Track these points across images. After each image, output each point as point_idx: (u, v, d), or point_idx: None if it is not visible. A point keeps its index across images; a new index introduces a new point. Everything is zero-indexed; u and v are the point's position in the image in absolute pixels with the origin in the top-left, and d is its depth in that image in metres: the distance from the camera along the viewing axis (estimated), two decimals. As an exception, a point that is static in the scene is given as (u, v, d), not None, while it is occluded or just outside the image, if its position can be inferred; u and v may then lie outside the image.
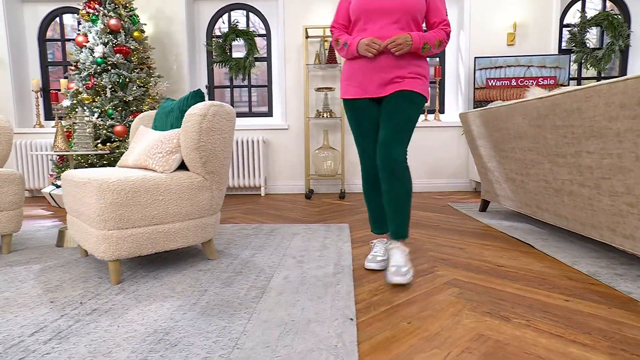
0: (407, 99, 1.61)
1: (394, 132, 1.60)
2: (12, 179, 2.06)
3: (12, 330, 1.22)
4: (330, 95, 4.33)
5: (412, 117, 1.63)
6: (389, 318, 1.29)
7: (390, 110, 1.63)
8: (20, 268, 1.83)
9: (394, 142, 1.59)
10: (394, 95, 1.63)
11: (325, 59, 4.08)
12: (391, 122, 1.61)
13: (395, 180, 1.59)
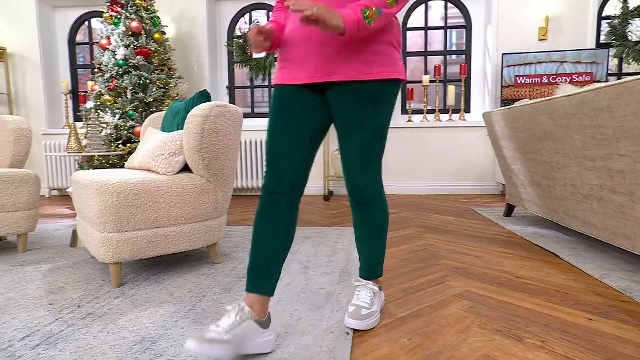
0: (369, 97, 1.10)
1: (356, 154, 1.15)
2: (27, 180, 2.11)
3: (4, 334, 1.22)
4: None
5: (380, 123, 1.14)
6: (389, 333, 1.20)
7: (345, 118, 1.13)
8: (30, 268, 1.86)
9: (356, 167, 1.17)
10: (347, 91, 1.10)
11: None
12: (349, 140, 1.14)
13: (361, 212, 1.25)
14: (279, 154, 1.14)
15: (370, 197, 1.21)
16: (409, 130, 4.23)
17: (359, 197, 1.22)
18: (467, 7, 4.27)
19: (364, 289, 1.30)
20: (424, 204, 3.58)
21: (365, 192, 1.20)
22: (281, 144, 1.14)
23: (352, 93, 1.11)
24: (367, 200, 1.22)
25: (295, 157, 1.15)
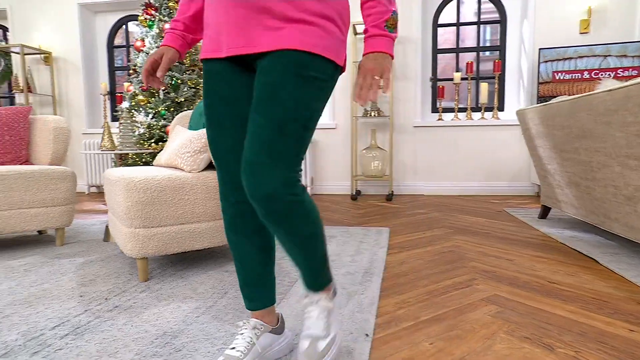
0: (295, 64, 0.84)
1: (265, 140, 0.83)
2: (65, 176, 2.20)
3: (38, 323, 1.27)
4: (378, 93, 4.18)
5: (304, 102, 0.85)
6: (410, 336, 1.16)
7: (262, 87, 0.86)
8: (65, 260, 1.94)
9: (264, 159, 0.83)
10: (270, 60, 0.86)
11: (374, 56, 3.94)
12: (260, 114, 0.85)
13: (276, 224, 0.87)
14: (223, 156, 0.96)
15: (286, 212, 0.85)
16: (440, 129, 4.12)
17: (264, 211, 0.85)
18: (502, 2, 4.12)
19: (316, 307, 1.01)
20: (453, 205, 3.47)
21: (273, 203, 0.83)
22: (222, 143, 0.95)
23: (277, 63, 0.85)
24: (281, 217, 0.85)
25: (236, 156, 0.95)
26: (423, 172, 4.19)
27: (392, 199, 3.87)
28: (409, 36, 4.08)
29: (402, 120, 4.17)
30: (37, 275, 1.73)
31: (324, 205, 3.59)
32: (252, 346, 0.98)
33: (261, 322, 1.02)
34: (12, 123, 2.36)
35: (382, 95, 4.19)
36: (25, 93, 4.53)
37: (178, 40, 1.04)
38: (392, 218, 2.93)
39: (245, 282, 1.02)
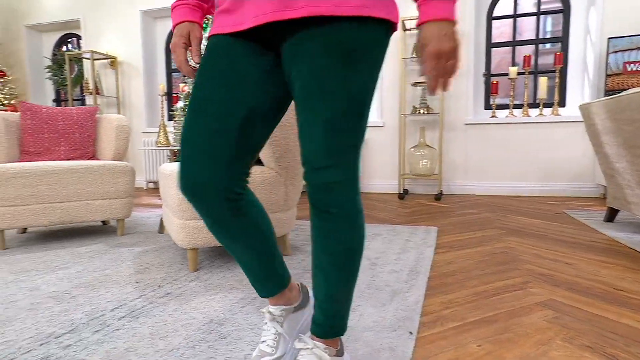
0: (340, 46, 0.72)
1: (320, 135, 0.74)
2: (125, 171, 2.35)
3: (99, 304, 1.36)
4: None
5: (359, 90, 0.74)
6: (457, 337, 1.11)
7: (305, 81, 0.74)
8: (125, 249, 2.07)
9: (319, 154, 0.75)
10: (309, 40, 0.73)
11: (424, 52, 3.84)
12: (311, 113, 0.75)
13: (321, 226, 0.80)
14: (202, 143, 0.78)
15: (337, 204, 0.77)
16: (493, 126, 3.94)
17: (319, 202, 0.78)
18: (565, -10, 3.85)
19: (308, 356, 0.84)
20: (507, 205, 3.30)
21: (330, 195, 0.76)
22: (204, 127, 0.78)
23: (316, 43, 0.72)
24: (330, 208, 0.77)
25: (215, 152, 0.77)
26: (474, 171, 4.02)
27: (441, 199, 3.75)
28: (460, 30, 3.93)
29: (453, 118, 4.03)
30: (100, 262, 1.85)
31: (371, 203, 3.55)
32: (280, 336, 0.94)
33: (280, 307, 0.95)
34: (82, 122, 2.55)
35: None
36: (94, 95, 4.89)
37: (197, 13, 0.88)
38: (441, 217, 2.83)
39: (249, 276, 0.93)
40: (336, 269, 0.81)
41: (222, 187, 0.79)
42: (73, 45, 5.69)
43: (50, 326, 1.20)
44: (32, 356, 1.03)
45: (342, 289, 0.83)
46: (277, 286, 0.94)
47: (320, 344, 0.85)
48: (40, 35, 5.76)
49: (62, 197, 2.16)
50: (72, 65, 5.39)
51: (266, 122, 0.83)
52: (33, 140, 2.41)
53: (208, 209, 0.81)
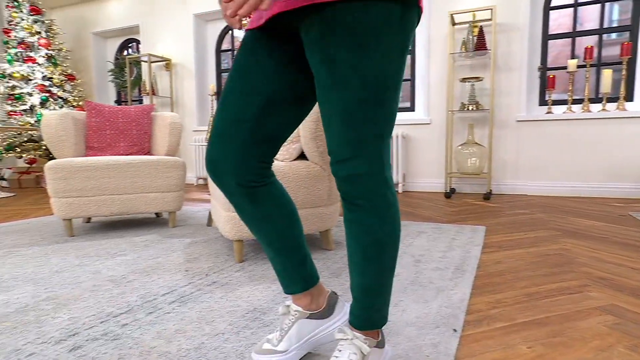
0: (349, 28, 0.69)
1: (338, 127, 0.73)
2: (177, 166, 2.46)
3: (152, 289, 1.44)
4: (477, 85, 3.91)
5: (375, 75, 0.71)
6: (505, 337, 1.06)
7: (319, 69, 0.73)
8: (176, 240, 2.17)
9: (340, 146, 0.74)
10: (320, 25, 0.71)
11: (474, 46, 3.70)
12: (328, 104, 0.74)
13: (351, 218, 0.79)
14: (224, 128, 0.81)
15: (363, 196, 0.76)
16: (548, 123, 3.72)
17: (346, 194, 0.77)
18: (632, -25, 3.56)
19: (348, 346, 0.84)
20: (563, 206, 3.10)
21: (355, 186, 0.75)
22: (225, 113, 0.81)
23: (324, 27, 0.70)
24: (356, 200, 0.76)
25: (231, 138, 0.80)
26: (527, 170, 3.82)
27: (490, 198, 3.60)
28: (514, 23, 3.75)
29: (504, 115, 3.85)
30: (153, 250, 1.96)
31: (415, 202, 3.48)
32: (286, 333, 0.94)
33: (297, 307, 0.95)
34: (139, 119, 2.71)
35: (485, 88, 3.91)
36: (150, 95, 5.17)
37: None
38: (490, 217, 2.72)
39: (274, 268, 0.95)
40: (367, 261, 0.80)
41: (235, 173, 0.82)
42: (133, 50, 6.05)
43: (109, 306, 1.29)
44: (94, 332, 1.11)
45: (376, 281, 0.82)
46: (297, 286, 0.94)
47: (360, 334, 0.85)
48: (105, 41, 6.17)
49: (120, 190, 2.30)
50: (131, 68, 5.73)
51: (285, 112, 0.84)
52: (96, 136, 2.59)
53: (226, 192, 0.86)
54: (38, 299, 1.36)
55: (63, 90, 5.34)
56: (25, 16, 5.17)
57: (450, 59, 3.73)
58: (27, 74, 5.09)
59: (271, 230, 0.89)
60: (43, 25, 5.28)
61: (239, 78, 0.81)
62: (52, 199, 2.21)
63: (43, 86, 5.12)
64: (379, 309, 0.85)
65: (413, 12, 0.73)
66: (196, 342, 1.05)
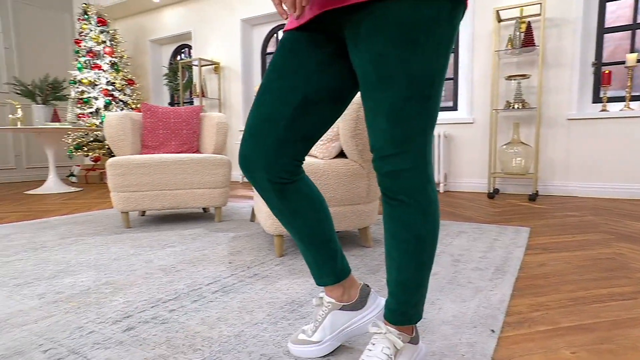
0: (397, 26, 0.68)
1: (383, 124, 0.73)
2: (223, 163, 2.54)
3: (198, 279, 1.50)
4: (524, 83, 3.72)
5: (421, 73, 0.70)
6: (547, 341, 1.01)
7: (364, 67, 0.73)
8: (221, 234, 2.25)
9: (385, 142, 0.74)
10: (366, 22, 0.71)
11: (520, 43, 3.53)
12: (373, 101, 0.73)
13: (391, 213, 0.79)
14: (258, 124, 0.83)
15: (405, 191, 0.75)
16: (603, 121, 3.47)
17: (388, 190, 0.77)
18: (701, -39, 3.24)
19: (382, 340, 0.83)
20: (618, 209, 2.89)
21: (398, 182, 0.75)
22: (260, 109, 0.82)
23: (373, 24, 0.70)
24: (398, 195, 0.76)
25: (265, 135, 0.82)
26: (578, 171, 3.59)
27: (536, 199, 3.41)
28: (565, 17, 3.53)
29: (553, 113, 3.64)
30: (200, 243, 2.04)
31: (457, 202, 3.38)
32: (320, 324, 0.95)
33: (330, 298, 0.96)
34: (189, 119, 2.83)
35: (531, 86, 3.72)
36: (200, 97, 5.38)
37: None
38: (535, 219, 2.58)
39: (305, 259, 0.96)
40: (406, 256, 0.80)
41: (267, 169, 0.83)
42: (185, 55, 6.31)
43: (159, 293, 1.36)
44: (145, 315, 1.18)
45: (413, 277, 0.81)
46: (329, 278, 0.94)
47: (394, 329, 0.84)
48: (161, 47, 6.49)
49: (171, 185, 2.42)
50: (183, 72, 5.99)
51: (321, 112, 0.84)
52: (151, 135, 2.74)
53: (258, 187, 0.87)
54: (98, 282, 1.46)
55: (124, 94, 5.68)
56: (93, 27, 5.55)
57: (495, 57, 3.58)
58: (93, 79, 5.47)
59: (301, 224, 0.90)
60: (108, 35, 5.64)
61: (276, 78, 0.82)
62: (112, 193, 2.36)
63: (107, 90, 5.47)
64: (414, 305, 0.84)
65: (460, 9, 0.73)
66: (236, 329, 1.08)
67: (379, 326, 0.85)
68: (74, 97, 5.48)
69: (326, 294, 0.98)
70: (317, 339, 0.94)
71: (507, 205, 3.17)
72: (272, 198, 0.87)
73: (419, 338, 0.91)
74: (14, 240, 2.15)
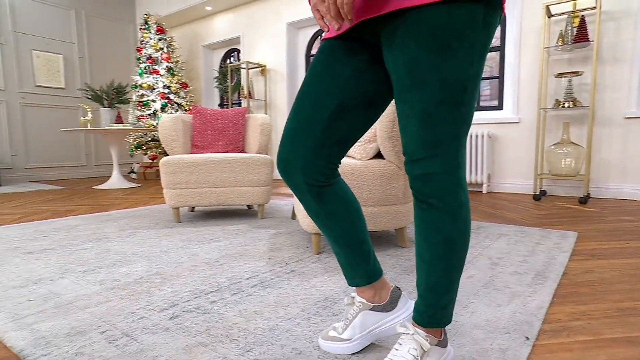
0: (430, 32, 0.69)
1: (415, 127, 0.73)
2: (265, 162, 2.61)
3: (238, 273, 1.56)
4: (575, 81, 3.48)
5: (454, 78, 0.70)
6: (586, 352, 0.95)
7: (398, 71, 0.73)
8: (262, 230, 2.31)
9: (416, 145, 0.74)
10: (401, 29, 0.72)
11: (572, 38, 3.30)
12: (406, 104, 0.74)
13: (421, 216, 0.79)
14: (295, 127, 0.84)
15: (436, 195, 0.75)
16: (665, 119, 3.17)
17: (419, 193, 0.77)
18: None
19: (409, 341, 0.83)
20: (681, 214, 2.63)
21: (429, 186, 0.75)
22: (299, 113, 0.84)
23: (407, 30, 0.70)
24: (428, 198, 0.76)
25: (302, 138, 0.83)
26: (636, 173, 3.31)
27: (588, 202, 3.19)
28: (625, 9, 3.25)
29: (608, 111, 3.37)
30: (242, 239, 2.11)
31: (500, 203, 3.23)
32: (350, 322, 0.96)
33: (361, 299, 0.96)
34: (235, 120, 2.93)
35: (584, 84, 3.47)
36: (247, 99, 5.54)
37: None
38: (584, 223, 2.42)
39: (338, 260, 0.96)
40: (436, 259, 0.79)
41: (304, 172, 0.84)
42: (234, 58, 6.52)
43: (202, 285, 1.43)
44: (189, 304, 1.24)
45: (442, 280, 0.80)
46: (361, 279, 0.95)
47: (422, 331, 0.83)
48: (212, 52, 6.75)
49: (217, 183, 2.52)
50: (232, 75, 6.19)
51: (356, 117, 0.85)
52: (200, 136, 2.87)
53: (295, 190, 0.88)
54: (150, 273, 1.56)
55: (178, 97, 5.97)
56: (153, 35, 5.88)
57: (544, 54, 3.38)
58: (152, 83, 5.80)
59: (336, 227, 0.91)
60: (165, 42, 5.96)
61: (314, 83, 0.83)
62: (164, 190, 2.50)
63: (163, 94, 5.78)
64: (443, 308, 0.82)
65: (496, 14, 0.72)
66: (271, 323, 1.12)
67: (406, 327, 0.84)
68: (135, 100, 5.85)
69: (358, 294, 0.98)
70: (347, 337, 0.95)
71: (554, 207, 2.99)
72: (309, 200, 0.89)
73: (448, 341, 0.89)
74: (82, 230, 2.34)
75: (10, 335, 1.06)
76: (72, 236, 2.20)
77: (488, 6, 0.70)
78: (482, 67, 0.74)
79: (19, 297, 1.33)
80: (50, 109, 6.03)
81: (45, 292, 1.37)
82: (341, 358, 0.94)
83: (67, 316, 1.18)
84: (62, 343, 1.02)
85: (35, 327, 1.11)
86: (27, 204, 3.47)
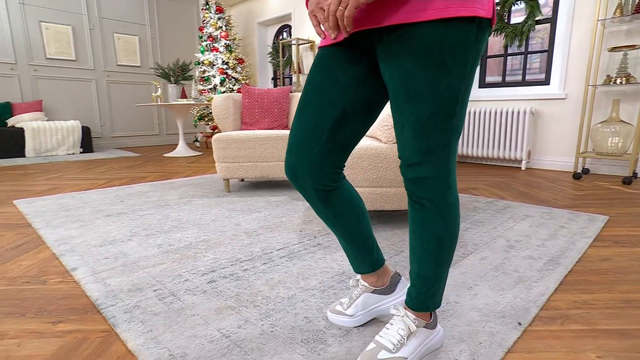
0: (424, 48, 0.69)
1: (410, 136, 0.75)
2: (305, 140, 2.67)
3: (271, 244, 1.68)
4: (631, 55, 3.08)
5: (446, 91, 0.71)
6: (574, 340, 0.95)
7: (394, 83, 0.74)
8: (299, 202, 2.41)
9: (411, 151, 0.76)
10: (396, 44, 0.72)
11: (633, 8, 2.89)
12: (401, 115, 0.75)
13: (415, 215, 0.82)
14: (301, 137, 0.85)
15: (428, 197, 0.78)
16: None
17: (412, 194, 0.80)
18: None
19: (399, 322, 0.88)
20: None
21: (421, 188, 0.78)
22: (303, 123, 0.84)
23: (404, 45, 0.71)
24: (421, 200, 0.79)
25: (308, 148, 0.84)
26: (692, 153, 2.93)
27: (632, 183, 2.91)
28: (697, -27, 2.76)
29: (667, 86, 2.97)
30: (281, 210, 2.23)
31: (536, 181, 3.05)
32: (354, 301, 1.03)
33: (364, 283, 1.04)
34: (279, 99, 2.99)
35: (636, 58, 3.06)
36: (297, 74, 5.54)
37: None
38: (619, 205, 2.24)
39: (344, 250, 1.02)
40: (426, 253, 0.83)
41: (311, 178, 0.86)
42: (287, 34, 6.49)
43: (239, 253, 1.56)
44: (225, 271, 1.38)
45: (433, 272, 0.84)
46: (366, 268, 1.01)
47: (411, 314, 0.89)
48: (266, 29, 6.75)
49: (262, 158, 2.64)
50: (284, 51, 6.19)
51: (357, 122, 0.85)
52: (248, 114, 2.97)
53: (304, 194, 0.91)
54: (198, 239, 1.73)
55: (235, 72, 6.12)
56: (213, 15, 5.99)
57: (596, 26, 3.01)
58: (212, 60, 5.98)
59: (342, 226, 0.94)
60: (223, 21, 6.05)
61: (315, 93, 0.83)
62: (216, 163, 2.67)
63: (222, 69, 5.95)
64: (432, 295, 0.87)
65: (487, 31, 0.73)
66: (291, 292, 1.22)
67: (398, 309, 0.90)
68: (197, 76, 6.09)
69: (362, 278, 1.05)
70: (351, 313, 1.03)
71: (593, 187, 2.78)
72: (317, 204, 0.91)
73: (437, 323, 0.93)
74: (149, 197, 2.60)
75: (90, 287, 1.27)
76: (142, 202, 2.46)
77: (480, 25, 0.71)
78: (472, 79, 0.75)
79: (97, 254, 1.55)
80: (129, 85, 6.48)
81: (117, 252, 1.58)
82: (344, 329, 1.02)
83: (131, 274, 1.37)
84: (125, 297, 1.20)
85: (107, 281, 1.31)
86: (111, 170, 3.87)
